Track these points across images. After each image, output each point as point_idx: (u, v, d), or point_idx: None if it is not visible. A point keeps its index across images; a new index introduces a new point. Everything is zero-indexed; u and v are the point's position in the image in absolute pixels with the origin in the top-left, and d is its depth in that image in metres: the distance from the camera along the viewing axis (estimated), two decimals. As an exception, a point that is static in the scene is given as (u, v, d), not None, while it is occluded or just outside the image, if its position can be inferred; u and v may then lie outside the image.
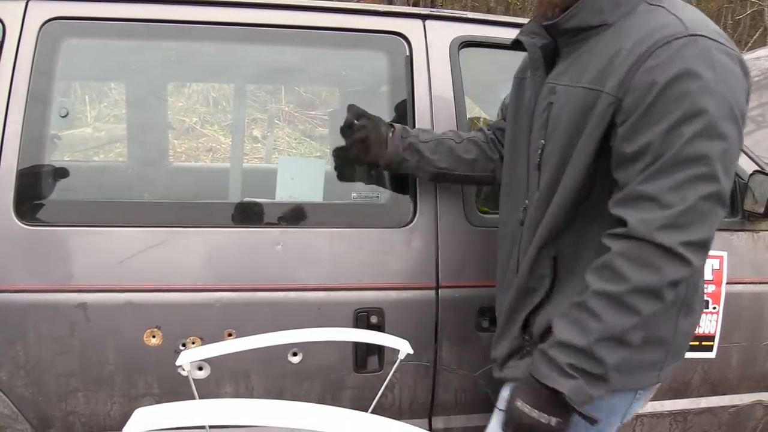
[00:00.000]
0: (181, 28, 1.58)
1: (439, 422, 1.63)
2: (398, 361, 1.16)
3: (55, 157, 1.54)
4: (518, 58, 1.40)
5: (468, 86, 1.70)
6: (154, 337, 1.45)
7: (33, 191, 1.45)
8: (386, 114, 1.63)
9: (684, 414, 1.78)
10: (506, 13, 20.29)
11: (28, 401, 1.45)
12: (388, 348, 1.48)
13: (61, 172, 1.52)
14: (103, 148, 1.89)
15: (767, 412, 1.85)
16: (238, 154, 2.36)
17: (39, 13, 1.52)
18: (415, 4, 11.82)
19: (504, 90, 2.59)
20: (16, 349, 1.42)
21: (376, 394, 1.27)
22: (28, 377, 1.44)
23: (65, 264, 1.43)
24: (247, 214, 1.55)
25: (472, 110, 2.98)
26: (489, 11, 20.61)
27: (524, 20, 1.74)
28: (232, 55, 1.69)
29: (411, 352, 1.16)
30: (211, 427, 0.75)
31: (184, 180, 2.40)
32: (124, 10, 1.55)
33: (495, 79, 2.28)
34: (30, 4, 1.52)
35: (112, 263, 1.43)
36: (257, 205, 1.56)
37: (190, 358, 1.06)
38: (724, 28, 18.71)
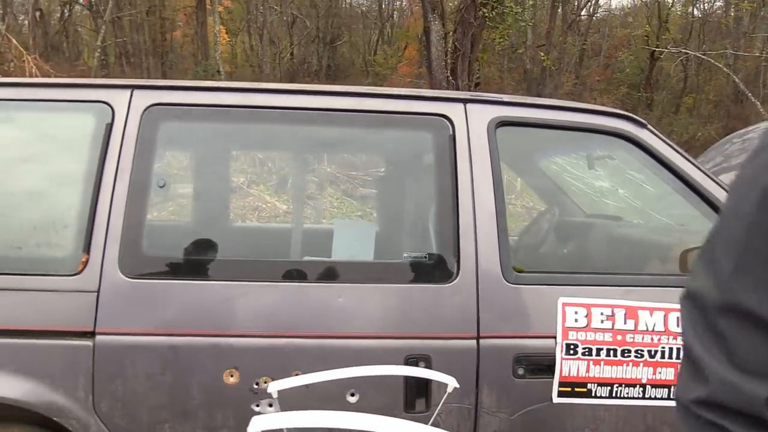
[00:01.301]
0: (257, 112, 1.88)
1: (479, 461, 1.80)
2: (446, 393, 1.35)
3: (153, 221, 1.82)
4: (548, 134, 1.64)
5: (506, 158, 1.94)
6: (232, 376, 1.67)
7: (134, 249, 1.72)
8: (432, 181, 1.88)
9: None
10: (542, 74, 20.72)
11: (122, 429, 1.68)
12: (435, 392, 1.68)
13: (158, 234, 1.80)
14: (188, 212, 2.19)
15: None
16: (298, 217, 2.64)
17: (142, 100, 1.83)
18: (453, 71, 12.32)
19: (540, 158, 2.84)
20: (115, 384, 1.66)
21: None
22: (125, 409, 1.67)
23: (159, 311, 1.68)
24: (313, 271, 1.79)
25: (507, 175, 3.23)
26: (525, 73, 21.08)
27: (554, 102, 2.00)
28: (302, 133, 1.98)
29: (458, 386, 1.35)
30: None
31: (256, 239, 2.68)
32: (207, 98, 1.86)
33: (529, 151, 2.53)
34: (135, 92, 1.83)
35: (198, 311, 1.68)
36: (322, 264, 1.80)
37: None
38: (763, 87, 18.78)
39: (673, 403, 1.68)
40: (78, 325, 1.66)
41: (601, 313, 1.79)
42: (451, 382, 1.32)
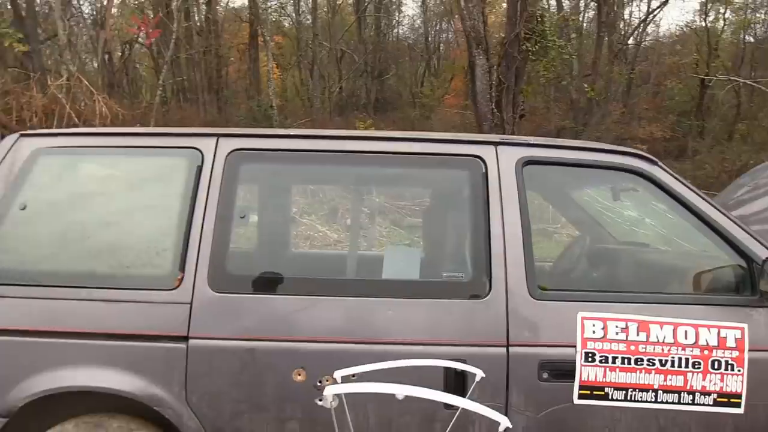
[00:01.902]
0: (317, 155, 2.25)
1: (510, 455, 2.07)
2: (475, 382, 1.63)
3: (235, 245, 2.19)
4: (569, 171, 1.94)
5: (542, 191, 2.23)
6: (299, 375, 2.00)
7: (220, 269, 2.09)
8: (468, 213, 2.19)
9: (720, 462, 2.12)
10: (589, 104, 20.70)
11: (209, 419, 2.02)
12: (470, 391, 1.97)
13: (239, 256, 2.16)
14: (262, 238, 2.59)
15: (798, 466, 2.15)
16: (352, 243, 3.00)
17: (226, 146, 2.21)
18: (498, 104, 12.62)
19: (572, 191, 3.12)
20: (203, 381, 2.01)
21: (459, 425, 1.75)
22: (211, 401, 2.02)
23: (240, 320, 2.03)
24: (367, 289, 2.12)
25: (533, 203, 3.54)
26: (572, 103, 21.11)
27: (574, 143, 2.30)
28: (356, 172, 2.33)
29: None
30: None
31: (318, 262, 3.05)
32: (278, 144, 2.25)
33: (559, 185, 2.82)
34: (220, 139, 2.22)
35: (272, 320, 2.03)
36: (375, 282, 2.13)
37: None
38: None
39: (682, 407, 1.94)
40: (174, 331, 2.03)
41: (616, 326, 2.06)
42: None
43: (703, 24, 22.85)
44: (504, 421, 1.44)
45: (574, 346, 2.05)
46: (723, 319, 2.11)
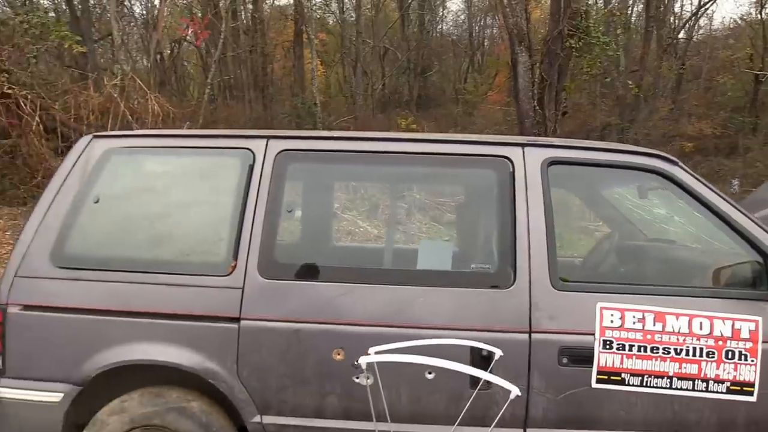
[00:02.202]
0: (358, 155, 2.46)
1: (531, 433, 2.24)
2: (509, 400, 1.80)
3: (282, 237, 2.42)
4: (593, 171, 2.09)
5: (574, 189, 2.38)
6: (338, 354, 2.21)
7: (269, 258, 2.31)
8: (495, 209, 2.37)
9: (733, 447, 2.24)
10: (635, 100, 20.32)
11: (257, 391, 2.25)
12: (496, 374, 2.14)
13: (286, 247, 2.38)
14: (306, 230, 2.83)
15: (810, 453, 2.26)
16: (390, 237, 3.20)
17: (275, 147, 2.44)
18: (540, 101, 12.62)
19: (603, 189, 3.24)
20: (253, 357, 2.24)
21: (484, 405, 1.93)
22: (259, 375, 2.25)
23: (286, 304, 2.26)
24: (402, 278, 2.32)
25: (573, 203, 3.66)
26: (618, 99, 20.76)
27: (597, 144, 2.44)
28: (395, 171, 2.53)
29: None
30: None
31: (357, 253, 3.27)
32: (322, 145, 2.47)
33: (587, 184, 2.97)
34: (270, 141, 2.45)
35: (315, 305, 2.25)
36: (409, 272, 2.33)
37: (370, 360, 1.80)
38: None
39: (696, 394, 2.08)
40: (228, 312, 2.27)
41: (633, 316, 2.21)
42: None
43: (759, 16, 22.13)
44: (514, 390, 1.62)
45: (593, 334, 2.20)
46: (738, 312, 2.23)
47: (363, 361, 1.67)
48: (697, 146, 19.35)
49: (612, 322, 2.21)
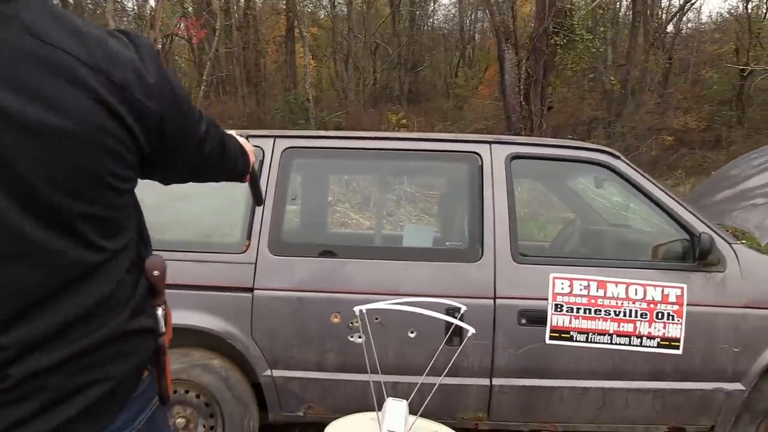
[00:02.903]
0: (355, 151, 2.89)
1: (497, 381, 2.69)
2: (468, 335, 2.25)
3: (287, 223, 2.86)
4: (550, 164, 2.55)
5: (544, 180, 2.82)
6: (336, 318, 2.66)
7: (277, 238, 2.75)
8: (467, 196, 2.81)
9: (662, 392, 2.70)
10: (622, 94, 20.73)
11: (268, 349, 2.70)
12: (465, 334, 2.59)
13: (291, 228, 2.82)
14: (307, 215, 3.28)
15: (728, 397, 2.72)
16: (379, 223, 3.66)
17: (280, 145, 2.87)
18: (526, 97, 13.07)
19: (568, 179, 3.69)
20: (264, 321, 2.69)
21: (457, 359, 2.39)
22: (270, 336, 2.69)
23: (292, 276, 2.70)
24: (389, 254, 2.77)
25: (517, 188, 4.11)
26: (605, 93, 21.14)
27: (552, 141, 2.89)
28: (384, 165, 2.98)
29: (474, 331, 2.22)
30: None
31: (352, 236, 3.72)
32: (321, 143, 2.89)
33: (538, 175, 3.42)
34: (276, 140, 2.88)
35: (316, 277, 2.69)
36: (395, 249, 2.77)
37: (364, 309, 2.24)
38: None
39: (632, 348, 2.56)
40: (243, 284, 2.70)
41: (580, 284, 2.66)
42: (471, 330, 2.18)
43: (746, 11, 22.60)
44: (471, 329, 2.08)
45: (547, 299, 2.66)
46: (668, 281, 2.69)
47: (356, 309, 2.12)
48: (682, 139, 19.87)
49: (562, 289, 2.66)
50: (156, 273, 1.07)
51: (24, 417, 0.84)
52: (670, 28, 24.71)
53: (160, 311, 1.07)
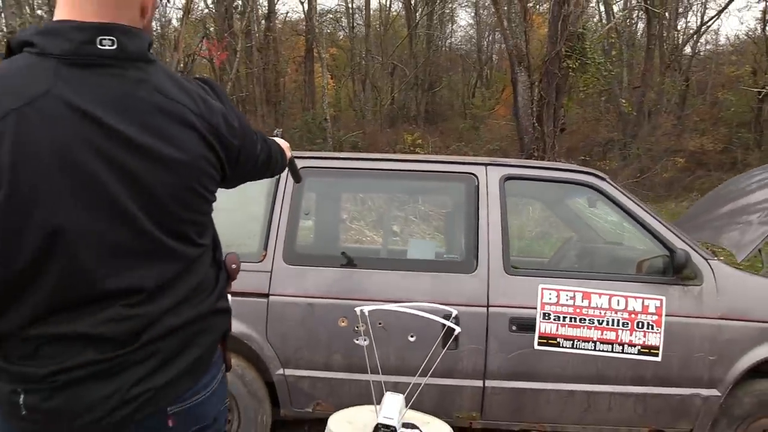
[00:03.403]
0: (361, 171, 3.18)
1: (489, 383, 2.93)
2: (455, 334, 2.51)
3: (300, 236, 3.14)
4: (535, 185, 2.81)
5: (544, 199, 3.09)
6: (343, 322, 2.92)
7: (290, 249, 3.04)
8: (464, 213, 3.08)
9: (643, 396, 2.92)
10: (638, 116, 20.84)
11: (281, 350, 2.97)
12: (461, 339, 2.84)
13: (303, 241, 3.11)
14: (321, 229, 3.58)
15: (705, 402, 2.93)
16: (387, 238, 3.95)
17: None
18: (539, 118, 13.32)
19: (566, 199, 3.93)
20: (279, 324, 2.96)
21: (453, 361, 2.64)
22: (282, 338, 2.96)
23: (303, 284, 2.97)
24: (394, 265, 3.04)
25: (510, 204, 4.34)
26: (620, 115, 21.27)
27: (542, 163, 3.15)
28: (388, 184, 3.26)
29: (460, 330, 2.48)
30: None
31: (360, 249, 4.01)
32: (333, 163, 3.18)
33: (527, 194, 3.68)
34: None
35: (325, 284, 2.96)
36: (398, 260, 3.05)
37: (366, 310, 2.51)
38: None
39: (614, 355, 2.82)
40: (260, 290, 2.98)
41: (566, 295, 2.91)
42: (457, 329, 2.45)
43: (763, 33, 22.67)
44: (458, 329, 2.34)
45: (535, 308, 2.90)
46: (649, 293, 2.93)
47: (358, 310, 2.40)
48: (699, 161, 19.94)
49: (550, 299, 2.91)
50: (234, 266, 1.42)
51: (148, 372, 1.14)
52: (687, 49, 24.79)
53: (230, 297, 1.39)
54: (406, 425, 2.32)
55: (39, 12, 22.16)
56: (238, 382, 3.00)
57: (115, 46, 1.09)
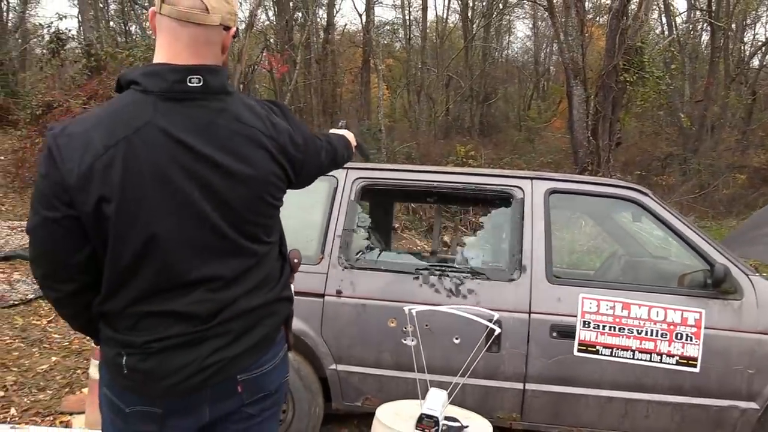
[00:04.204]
0: (412, 183, 3.40)
1: (529, 386, 3.08)
2: (495, 334, 2.68)
3: (355, 240, 3.37)
4: (579, 198, 2.96)
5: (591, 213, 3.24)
6: (392, 323, 3.13)
7: (346, 253, 3.27)
8: (510, 224, 3.25)
9: (681, 405, 3.01)
10: (699, 130, 20.33)
11: (334, 347, 3.19)
12: (502, 342, 3.01)
13: (356, 247, 3.34)
14: (376, 236, 3.83)
15: (742, 414, 3.00)
16: (438, 249, 4.14)
17: (351, 175, 3.40)
18: (594, 132, 13.23)
19: (612, 213, 4.05)
20: (333, 323, 3.19)
21: (495, 363, 2.81)
22: (336, 336, 3.19)
23: (356, 285, 3.20)
24: (440, 270, 3.23)
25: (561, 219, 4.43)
26: (681, 129, 20.79)
27: (586, 178, 3.29)
28: (438, 197, 3.46)
29: (501, 330, 2.66)
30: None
31: (410, 257, 4.24)
32: (383, 174, 3.41)
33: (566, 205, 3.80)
34: (349, 171, 3.41)
35: (377, 287, 3.18)
36: (448, 267, 3.24)
37: (415, 309, 2.71)
38: None
39: (652, 364, 2.98)
40: (316, 290, 3.22)
41: (606, 305, 3.04)
42: (497, 329, 2.63)
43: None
44: (497, 329, 2.51)
45: (576, 316, 3.04)
46: (689, 305, 3.03)
47: (406, 309, 2.61)
48: (764, 178, 19.30)
49: (590, 308, 3.04)
50: (296, 260, 1.70)
51: (222, 345, 1.40)
52: (755, 62, 24.03)
53: (293, 287, 1.65)
54: (448, 418, 2.51)
55: (112, 24, 23.34)
56: (294, 376, 3.23)
57: (201, 83, 1.36)
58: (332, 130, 2.06)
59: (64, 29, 13.24)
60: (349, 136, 2.05)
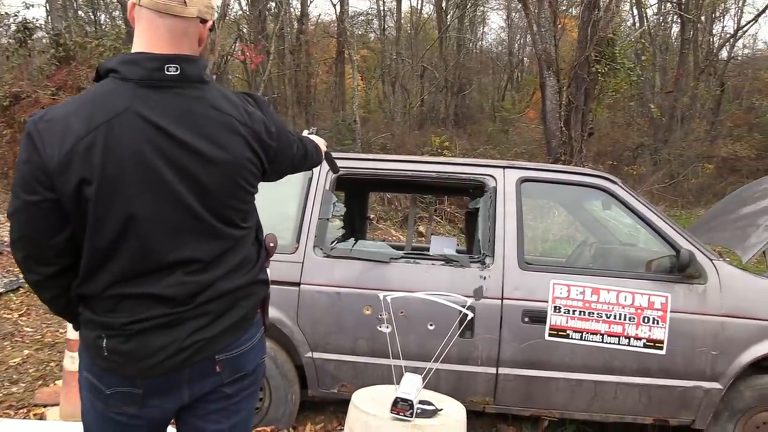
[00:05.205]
0: (386, 172, 3.43)
1: (502, 371, 3.15)
2: (468, 319, 2.74)
3: (330, 229, 3.40)
4: (550, 187, 3.02)
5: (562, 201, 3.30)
6: (368, 310, 3.17)
7: (320, 242, 3.29)
8: (483, 212, 3.30)
9: (648, 387, 3.11)
10: (670, 121, 20.66)
11: (310, 335, 3.22)
12: (476, 328, 3.06)
13: (332, 235, 3.36)
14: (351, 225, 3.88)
15: (706, 394, 3.10)
16: (410, 237, 4.18)
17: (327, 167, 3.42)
18: (567, 122, 13.39)
19: (584, 201, 4.12)
20: (308, 311, 3.22)
21: (468, 349, 2.87)
22: (312, 324, 3.22)
23: (332, 274, 3.23)
24: (414, 258, 3.27)
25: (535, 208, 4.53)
26: (652, 120, 21.11)
27: (556, 167, 3.35)
28: (411, 185, 3.49)
29: (473, 315, 2.71)
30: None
31: (384, 242, 4.27)
32: (356, 164, 3.43)
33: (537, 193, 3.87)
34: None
35: (352, 275, 3.21)
36: (420, 255, 3.28)
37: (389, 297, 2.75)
38: None
39: (620, 347, 3.06)
40: (292, 279, 3.24)
41: (576, 290, 3.11)
42: (465, 312, 2.68)
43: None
44: (470, 313, 2.57)
45: (547, 302, 3.11)
46: (655, 290, 3.12)
47: (381, 296, 2.65)
48: (732, 167, 19.73)
49: (561, 293, 3.12)
50: (271, 244, 1.72)
51: (201, 326, 1.43)
52: (723, 54, 24.45)
53: (268, 271, 1.67)
54: (422, 402, 2.56)
55: (80, 13, 22.88)
56: (270, 364, 3.26)
57: (178, 72, 1.39)
58: (304, 133, 2.10)
59: (32, 18, 12.92)
60: (320, 141, 2.10)
